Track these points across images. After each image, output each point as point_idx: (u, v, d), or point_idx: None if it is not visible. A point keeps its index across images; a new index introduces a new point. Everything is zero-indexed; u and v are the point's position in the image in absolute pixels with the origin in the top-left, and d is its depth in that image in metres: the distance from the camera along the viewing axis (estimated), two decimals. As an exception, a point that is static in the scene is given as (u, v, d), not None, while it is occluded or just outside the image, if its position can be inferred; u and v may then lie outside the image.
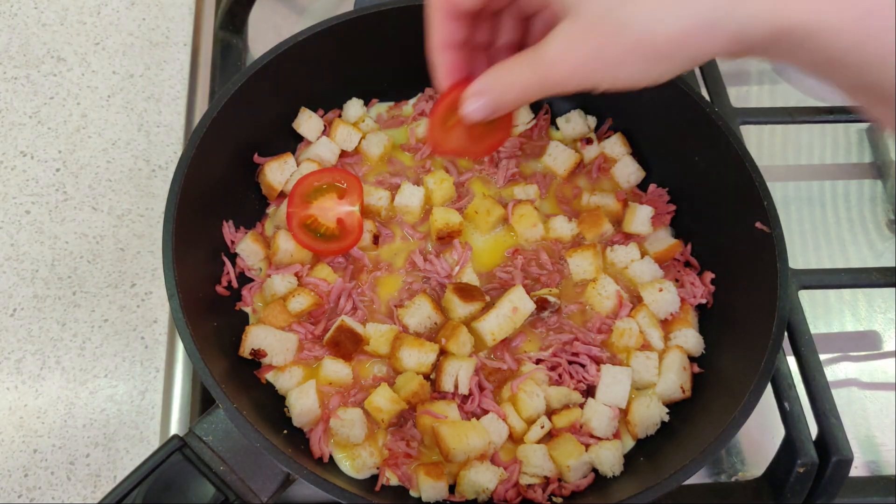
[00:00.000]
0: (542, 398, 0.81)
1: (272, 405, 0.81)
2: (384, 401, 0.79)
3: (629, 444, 0.83)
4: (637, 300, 0.89)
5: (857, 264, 1.06)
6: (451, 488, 0.78)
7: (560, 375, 0.84)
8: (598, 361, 0.84)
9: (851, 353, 1.00)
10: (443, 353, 0.83)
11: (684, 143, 0.93)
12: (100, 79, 1.11)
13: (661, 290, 0.87)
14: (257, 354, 0.82)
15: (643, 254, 0.91)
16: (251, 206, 0.94)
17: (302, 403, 0.79)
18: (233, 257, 0.89)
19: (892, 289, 0.96)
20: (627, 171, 0.97)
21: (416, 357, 0.81)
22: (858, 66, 0.48)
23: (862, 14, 0.47)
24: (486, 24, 0.70)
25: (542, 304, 0.86)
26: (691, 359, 0.86)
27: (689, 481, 0.69)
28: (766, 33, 0.49)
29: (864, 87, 0.50)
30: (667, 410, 0.82)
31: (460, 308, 0.84)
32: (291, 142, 0.99)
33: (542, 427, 0.80)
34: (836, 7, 0.47)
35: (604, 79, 0.55)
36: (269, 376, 0.83)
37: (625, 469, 0.79)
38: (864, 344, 1.01)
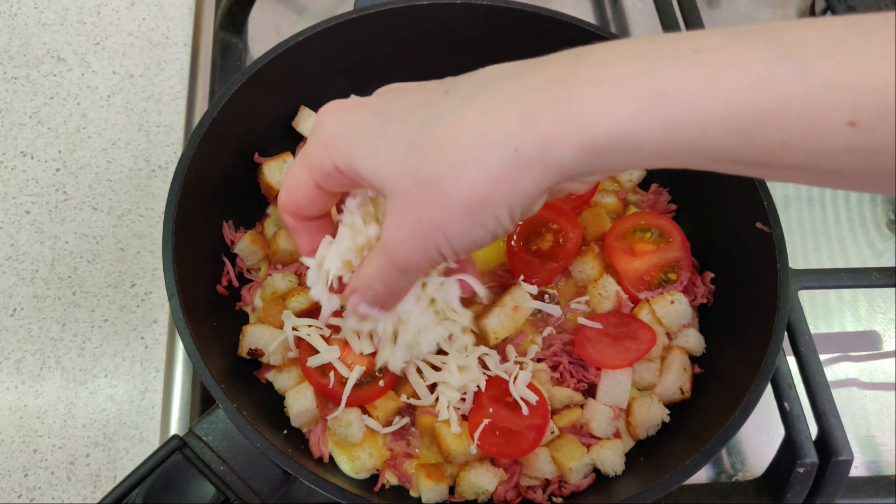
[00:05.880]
0: (546, 398, 0.81)
1: (272, 405, 0.81)
2: (382, 399, 0.79)
3: (629, 444, 0.83)
4: (635, 300, 0.89)
5: (857, 264, 1.06)
6: (451, 489, 0.78)
7: (561, 374, 0.83)
8: (598, 361, 0.84)
9: (851, 353, 1.00)
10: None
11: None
12: (100, 79, 1.11)
13: (672, 302, 0.86)
14: (255, 354, 0.82)
15: (643, 254, 0.91)
16: (251, 206, 0.94)
17: (299, 404, 0.79)
18: (233, 257, 0.89)
19: (892, 289, 0.96)
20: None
21: (416, 357, 0.81)
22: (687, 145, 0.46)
23: (658, 104, 0.44)
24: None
25: (541, 297, 0.86)
26: (692, 358, 0.86)
27: (689, 481, 0.69)
28: (578, 151, 0.46)
29: (712, 161, 0.47)
30: (668, 412, 0.81)
31: (460, 313, 0.84)
32: (291, 142, 0.98)
33: (553, 433, 0.80)
34: (634, 109, 0.45)
35: (441, 246, 0.53)
36: (269, 376, 0.83)
37: (625, 469, 0.79)
38: (864, 344, 1.01)
